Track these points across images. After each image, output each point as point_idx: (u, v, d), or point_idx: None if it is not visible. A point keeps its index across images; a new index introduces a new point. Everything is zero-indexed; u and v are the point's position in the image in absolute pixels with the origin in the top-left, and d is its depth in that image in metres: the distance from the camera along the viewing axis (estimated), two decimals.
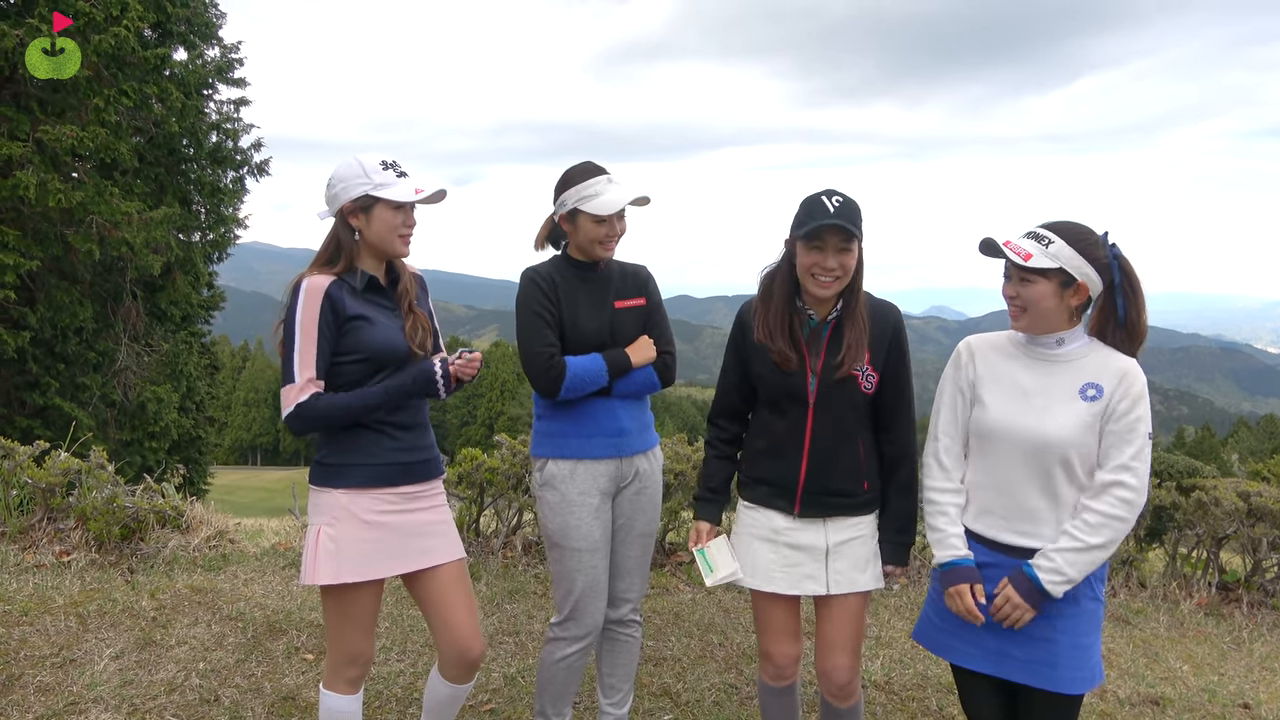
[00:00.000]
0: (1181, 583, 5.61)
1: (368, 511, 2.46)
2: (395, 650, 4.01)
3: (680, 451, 5.60)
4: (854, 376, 2.53)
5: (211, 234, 17.92)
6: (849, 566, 2.58)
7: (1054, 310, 2.27)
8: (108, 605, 4.30)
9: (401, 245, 2.51)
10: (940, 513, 2.43)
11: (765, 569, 2.62)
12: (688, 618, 4.64)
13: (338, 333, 2.42)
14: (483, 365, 2.57)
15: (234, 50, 17.39)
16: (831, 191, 2.46)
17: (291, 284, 2.46)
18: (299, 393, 2.38)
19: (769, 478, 2.62)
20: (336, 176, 2.46)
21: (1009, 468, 2.34)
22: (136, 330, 16.25)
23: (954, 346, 2.55)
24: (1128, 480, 2.23)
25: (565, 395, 2.74)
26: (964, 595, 2.32)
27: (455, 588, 2.60)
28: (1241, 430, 74.89)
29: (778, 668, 2.70)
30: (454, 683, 2.66)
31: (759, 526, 2.65)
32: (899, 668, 4.14)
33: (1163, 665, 4.44)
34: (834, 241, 2.42)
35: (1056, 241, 2.24)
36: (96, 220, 13.33)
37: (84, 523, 5.02)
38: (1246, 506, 5.43)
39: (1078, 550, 2.23)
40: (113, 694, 3.46)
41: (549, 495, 2.82)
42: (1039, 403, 2.31)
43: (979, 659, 2.40)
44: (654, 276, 3.00)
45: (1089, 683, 2.32)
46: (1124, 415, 2.24)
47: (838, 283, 2.46)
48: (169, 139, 15.74)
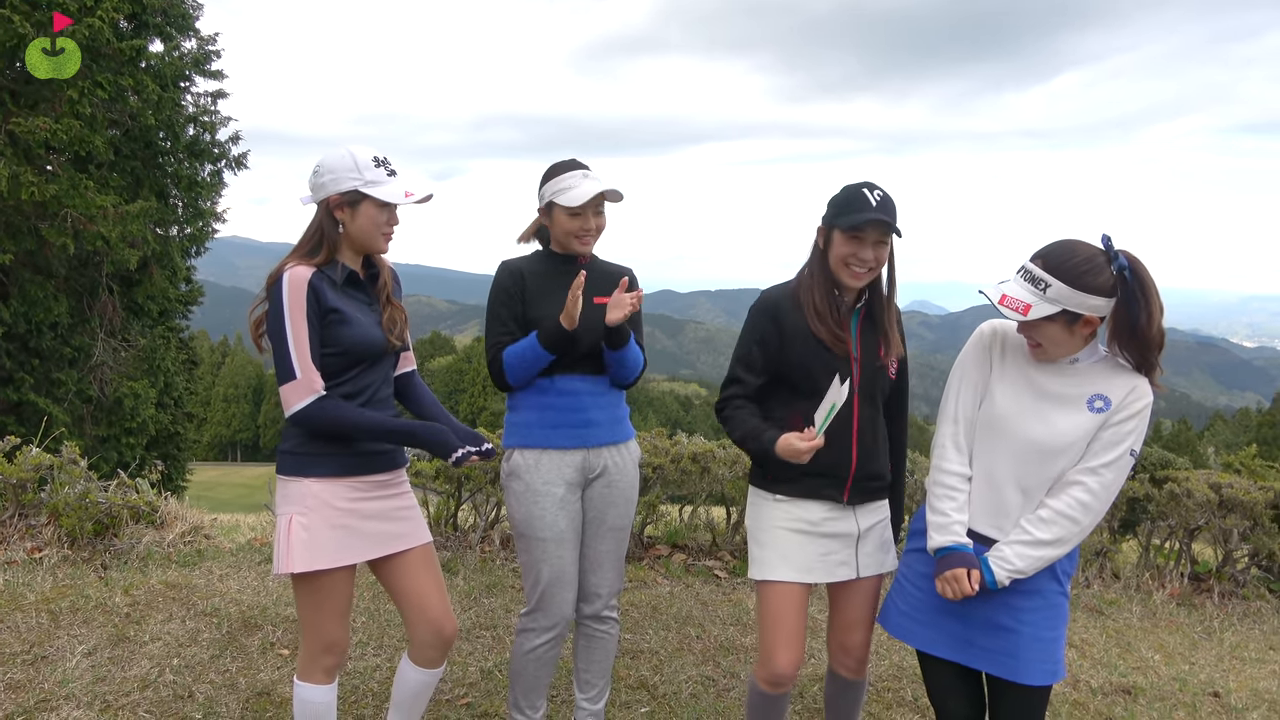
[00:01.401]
0: (1154, 573, 5.68)
1: (340, 499, 2.46)
2: (372, 645, 4.00)
3: (659, 445, 5.61)
4: (885, 362, 2.61)
5: (189, 228, 17.74)
6: (875, 549, 2.67)
7: (1068, 341, 2.23)
8: (80, 601, 4.25)
9: (383, 243, 2.52)
10: (948, 496, 2.37)
11: (805, 561, 2.59)
12: (665, 610, 4.65)
13: (320, 325, 2.41)
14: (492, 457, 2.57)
15: (211, 42, 17.20)
16: (872, 185, 2.47)
17: (272, 274, 2.43)
18: (305, 392, 2.37)
19: (819, 469, 2.55)
20: (326, 166, 2.43)
21: (1002, 462, 2.34)
22: (113, 325, 16.09)
23: (936, 341, 2.54)
24: (1090, 483, 2.23)
25: (513, 379, 2.77)
26: (960, 581, 2.27)
27: (425, 570, 2.63)
28: (1218, 423, 75.84)
29: (780, 675, 2.58)
30: (427, 667, 2.67)
31: (792, 520, 2.60)
32: (874, 659, 4.17)
33: (1135, 655, 4.49)
34: (873, 235, 2.45)
35: (1054, 284, 2.14)
36: (71, 214, 13.17)
37: (56, 519, 4.96)
38: (1218, 498, 5.51)
39: (1025, 543, 2.25)
40: (85, 691, 3.43)
41: (515, 485, 2.83)
42: (1047, 405, 2.28)
43: (943, 645, 2.41)
44: (637, 280, 2.98)
45: (1051, 676, 2.32)
46: (1116, 425, 2.23)
47: (870, 274, 2.51)
48: (145, 132, 15.54)
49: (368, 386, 2.52)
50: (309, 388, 2.37)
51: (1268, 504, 5.48)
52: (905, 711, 3.66)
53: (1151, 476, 5.93)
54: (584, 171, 2.77)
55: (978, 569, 2.28)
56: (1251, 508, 5.44)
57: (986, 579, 2.27)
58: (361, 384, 2.51)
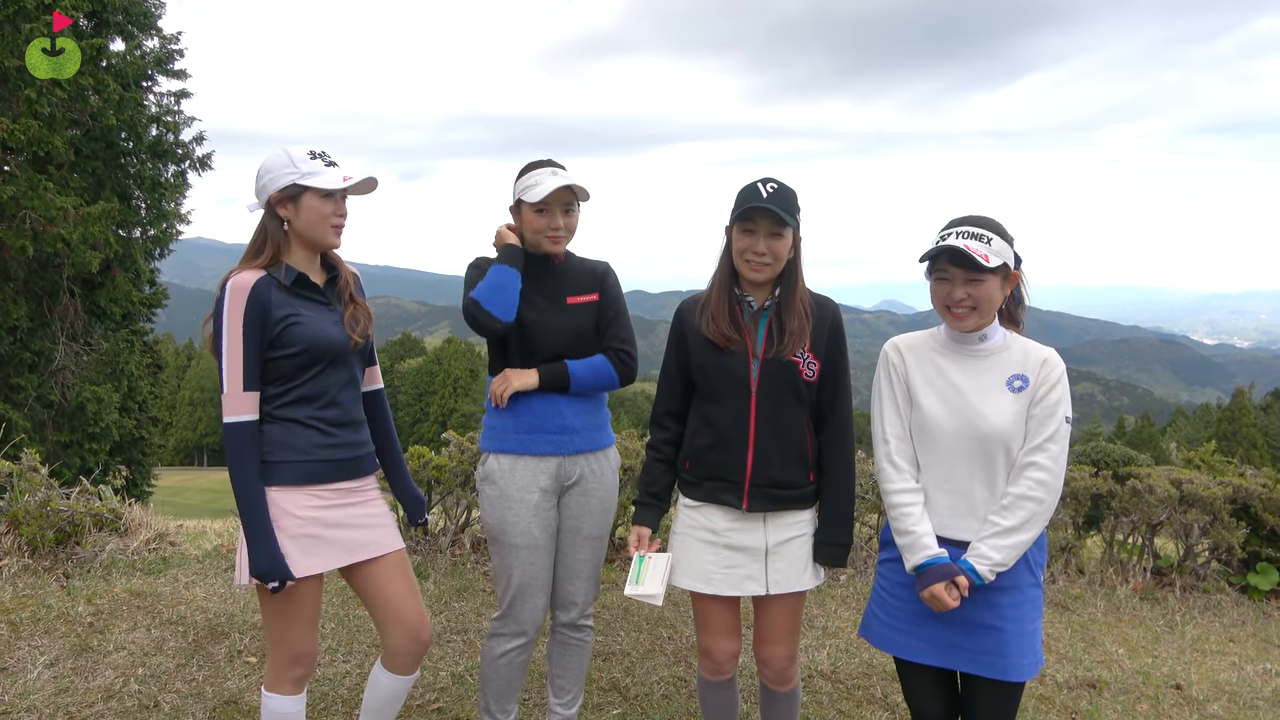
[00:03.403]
0: (1118, 568, 5.77)
1: (301, 508, 2.42)
2: (341, 651, 3.96)
3: (631, 446, 5.61)
4: (795, 363, 2.54)
5: (152, 229, 17.43)
6: (788, 566, 2.60)
7: (997, 300, 2.34)
8: (42, 611, 4.17)
9: (333, 235, 2.49)
10: (905, 515, 2.39)
11: (705, 571, 2.62)
12: (637, 613, 4.66)
13: (267, 331, 2.38)
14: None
15: (174, 41, 16.95)
16: (768, 179, 2.50)
17: (220, 281, 2.41)
18: (234, 408, 2.35)
19: (715, 472, 2.60)
20: (264, 167, 2.43)
21: (953, 464, 2.37)
22: (75, 329, 15.77)
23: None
24: (1041, 460, 2.29)
25: (488, 305, 2.66)
26: (941, 597, 2.28)
27: (398, 575, 2.60)
28: (1179, 419, 77.32)
29: (716, 664, 2.72)
30: (400, 673, 2.65)
31: (699, 528, 2.64)
32: (845, 657, 4.20)
33: (1099, 649, 4.57)
34: (765, 225, 2.46)
35: (995, 240, 2.29)
36: (30, 215, 12.92)
37: (16, 527, 4.86)
38: (1179, 494, 5.61)
39: (998, 534, 2.29)
40: (47, 702, 3.37)
41: (489, 490, 2.81)
42: (973, 397, 2.35)
43: (927, 652, 2.42)
44: (614, 272, 2.96)
45: (1034, 668, 2.36)
46: (1043, 400, 2.31)
47: (769, 268, 2.50)
48: (106, 132, 15.26)
49: (326, 390, 2.48)
50: (237, 405, 2.35)
51: (1226, 499, 5.59)
52: (875, 709, 3.70)
53: (1115, 473, 6.03)
54: (553, 169, 2.75)
55: (960, 574, 2.30)
56: (1211, 503, 5.55)
57: (974, 579, 2.29)
58: (319, 386, 2.47)
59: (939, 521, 2.39)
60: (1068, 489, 5.73)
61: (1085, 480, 5.87)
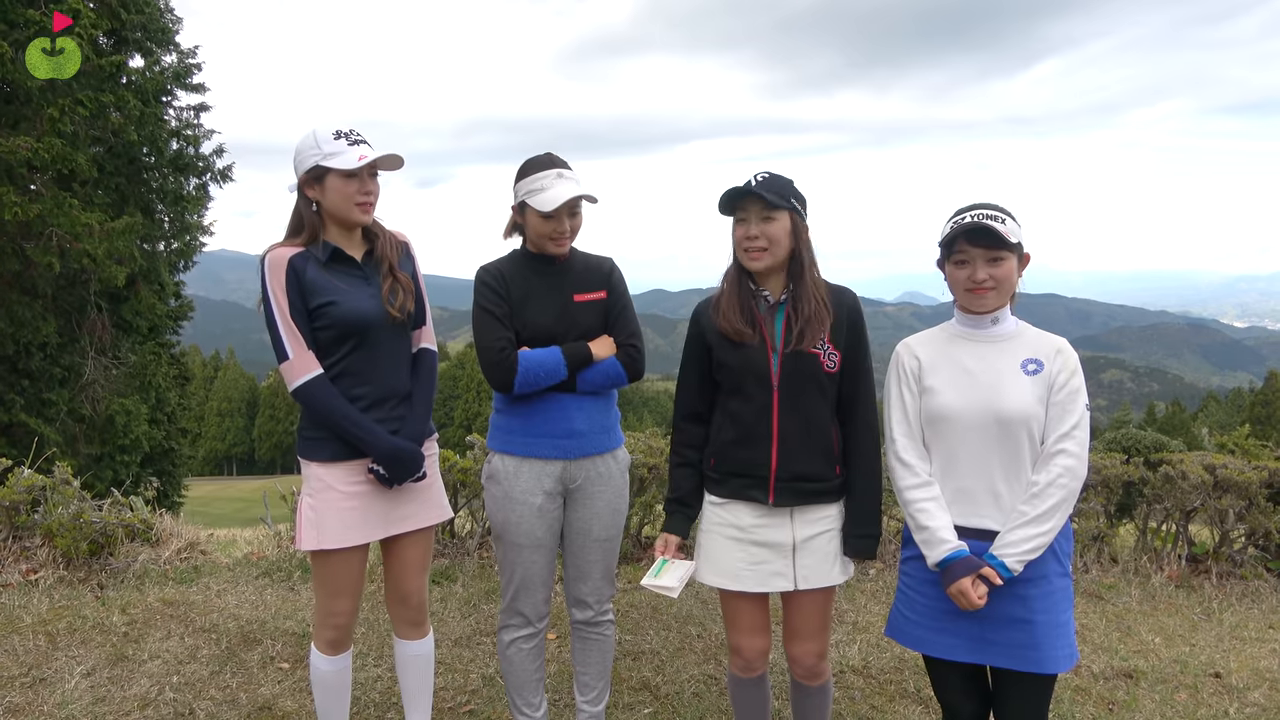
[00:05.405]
0: (1152, 556, 5.69)
1: (341, 483, 2.54)
2: (372, 655, 3.98)
3: (654, 445, 5.61)
4: (815, 355, 2.50)
5: (176, 243, 17.69)
6: (816, 562, 2.57)
7: (1014, 280, 2.37)
8: (77, 622, 4.23)
9: (360, 213, 2.53)
10: (920, 510, 2.37)
11: (732, 567, 2.60)
12: (666, 611, 4.65)
13: (307, 301, 2.48)
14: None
15: (192, 55, 17.16)
16: (762, 171, 2.52)
17: (259, 257, 2.52)
18: (300, 369, 2.46)
19: (740, 468, 2.58)
20: (296, 149, 2.52)
21: (973, 451, 2.35)
22: (103, 343, 15.99)
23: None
24: (1069, 448, 2.29)
25: (521, 389, 2.69)
26: (967, 593, 2.26)
27: (416, 545, 2.77)
28: (1211, 404, 76.21)
29: (746, 661, 2.71)
30: (407, 639, 2.84)
31: (725, 524, 2.62)
32: (876, 651, 4.17)
33: (1135, 638, 4.50)
34: (756, 211, 2.47)
35: (1008, 219, 2.33)
36: (56, 233, 13.09)
37: (50, 540, 4.94)
38: (1213, 479, 5.52)
39: (1026, 521, 2.26)
40: (85, 711, 3.41)
41: (493, 489, 2.83)
42: (988, 379, 2.35)
43: (958, 649, 2.39)
44: (619, 268, 2.94)
45: (1069, 660, 2.33)
46: (1063, 387, 2.31)
47: (766, 253, 2.48)
48: (128, 148, 15.49)
49: (365, 365, 2.54)
50: (302, 366, 2.46)
51: (1262, 483, 5.49)
52: (908, 703, 3.66)
53: (1146, 460, 5.94)
54: (559, 170, 2.69)
55: (985, 566, 2.27)
56: (1246, 487, 5.46)
57: (1000, 572, 2.26)
58: (358, 362, 2.54)
59: (959, 511, 2.37)
60: (1098, 477, 5.65)
61: (1116, 468, 5.78)
